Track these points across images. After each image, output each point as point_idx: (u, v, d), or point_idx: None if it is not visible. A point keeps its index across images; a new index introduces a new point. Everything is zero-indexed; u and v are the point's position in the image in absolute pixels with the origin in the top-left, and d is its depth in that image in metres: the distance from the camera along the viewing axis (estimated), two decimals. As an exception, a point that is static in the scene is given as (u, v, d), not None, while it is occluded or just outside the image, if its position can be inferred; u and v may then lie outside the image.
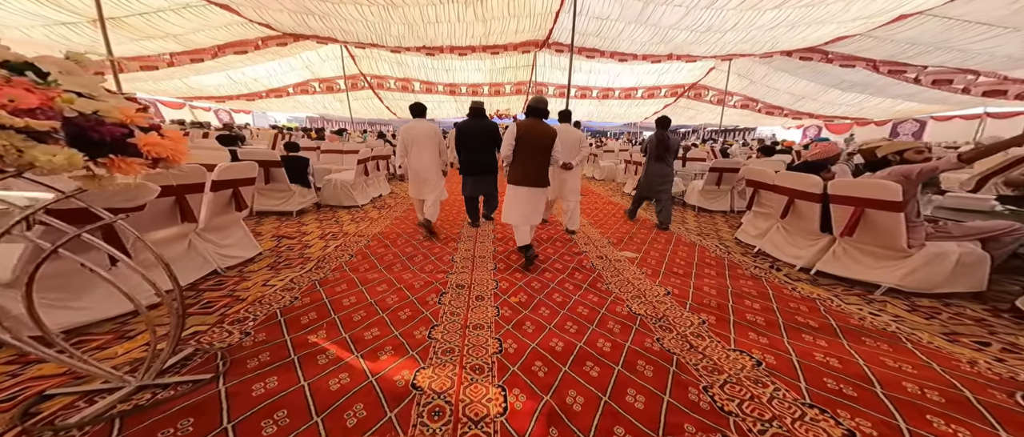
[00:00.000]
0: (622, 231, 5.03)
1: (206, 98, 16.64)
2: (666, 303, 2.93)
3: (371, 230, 4.68)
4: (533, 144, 3.27)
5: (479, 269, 3.49)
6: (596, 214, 6.09)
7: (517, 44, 14.64)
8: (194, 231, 2.79)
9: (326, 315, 2.59)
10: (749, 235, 4.50)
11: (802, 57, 12.28)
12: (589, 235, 4.81)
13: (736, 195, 6.18)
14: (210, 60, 12.57)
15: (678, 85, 18.24)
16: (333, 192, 5.67)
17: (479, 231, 4.73)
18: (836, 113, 15.63)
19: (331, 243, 4.14)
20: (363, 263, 3.56)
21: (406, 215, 5.52)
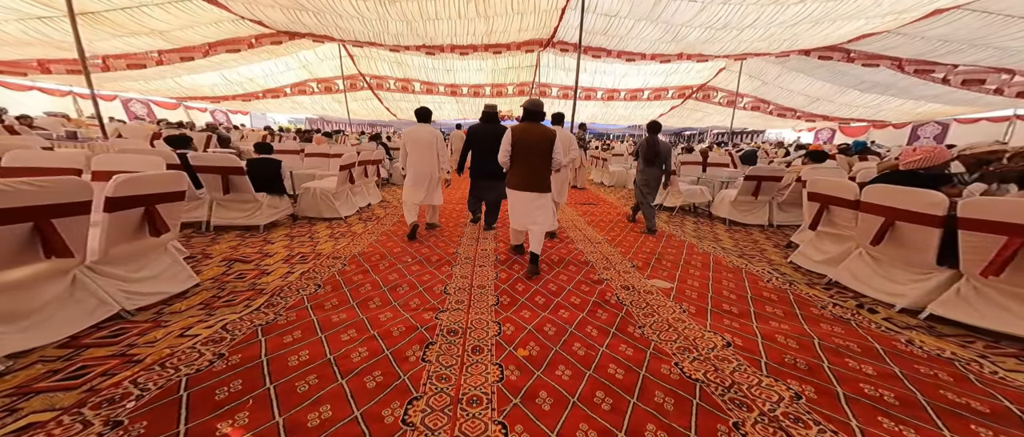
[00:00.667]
0: (646, 250, 4.27)
1: (201, 98, 16.00)
2: (730, 361, 2.14)
3: (350, 249, 3.92)
4: (529, 148, 3.15)
5: (478, 305, 2.73)
6: (611, 228, 5.31)
7: (520, 43, 13.94)
8: (79, 266, 2.05)
9: (257, 384, 1.82)
10: (812, 260, 3.68)
11: (821, 56, 11.51)
12: (608, 257, 4.03)
13: (776, 207, 5.42)
14: (202, 59, 11.92)
15: (686, 86, 17.49)
16: (312, 202, 4.90)
17: (479, 252, 4.01)
18: (852, 115, 14.84)
19: (297, 268, 3.36)
20: (332, 296, 2.81)
21: (396, 229, 4.77)
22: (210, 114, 17.79)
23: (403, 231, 4.58)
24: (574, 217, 5.79)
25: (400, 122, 28.25)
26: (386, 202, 6.47)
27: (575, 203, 6.81)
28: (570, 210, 6.20)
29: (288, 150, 6.32)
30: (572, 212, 6.11)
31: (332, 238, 4.31)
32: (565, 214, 5.88)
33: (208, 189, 4.08)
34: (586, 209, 6.39)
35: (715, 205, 5.80)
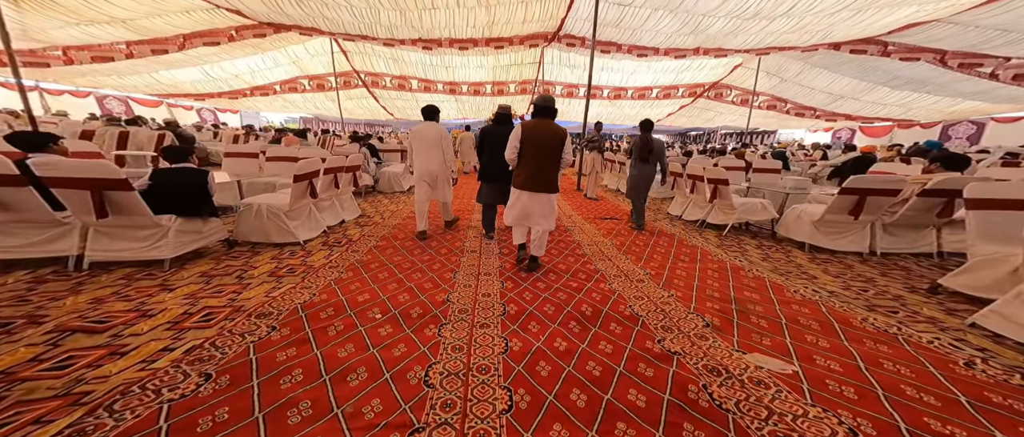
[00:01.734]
0: (713, 291, 3.03)
1: (184, 95, 14.81)
2: None
3: (292, 298, 2.65)
4: (538, 146, 3.01)
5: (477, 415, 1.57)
6: (651, 256, 4.01)
7: (524, 37, 12.76)
8: None
9: None
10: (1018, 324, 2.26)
11: (854, 50, 10.34)
12: (659, 303, 2.79)
13: (879, 229, 4.01)
14: (178, 52, 10.74)
15: (697, 84, 16.30)
16: (256, 223, 3.61)
17: (479, 296, 2.89)
18: (878, 114, 13.67)
19: (185, 340, 2.08)
20: (222, 406, 1.59)
21: (370, 259, 3.60)
22: (197, 113, 16.60)
23: (380, 260, 3.46)
24: (596, 238, 4.64)
25: (399, 122, 27.07)
26: (366, 218, 5.24)
27: (593, 218, 5.69)
28: (590, 228, 5.10)
29: (243, 152, 5.07)
30: (592, 230, 4.97)
31: (272, 278, 3.06)
32: (585, 235, 4.74)
33: (73, 211, 2.83)
34: (608, 226, 5.26)
35: (785, 224, 4.52)
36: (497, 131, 3.97)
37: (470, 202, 6.27)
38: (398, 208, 5.86)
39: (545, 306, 2.65)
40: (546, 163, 3.03)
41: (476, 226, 4.85)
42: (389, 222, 4.96)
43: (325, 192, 4.19)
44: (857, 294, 3.10)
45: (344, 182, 4.66)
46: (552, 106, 3.07)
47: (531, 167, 3.04)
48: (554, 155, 3.03)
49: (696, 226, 5.20)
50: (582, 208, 6.24)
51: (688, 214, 5.51)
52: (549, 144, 2.99)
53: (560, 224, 5.08)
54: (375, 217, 5.31)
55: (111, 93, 13.50)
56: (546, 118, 3.05)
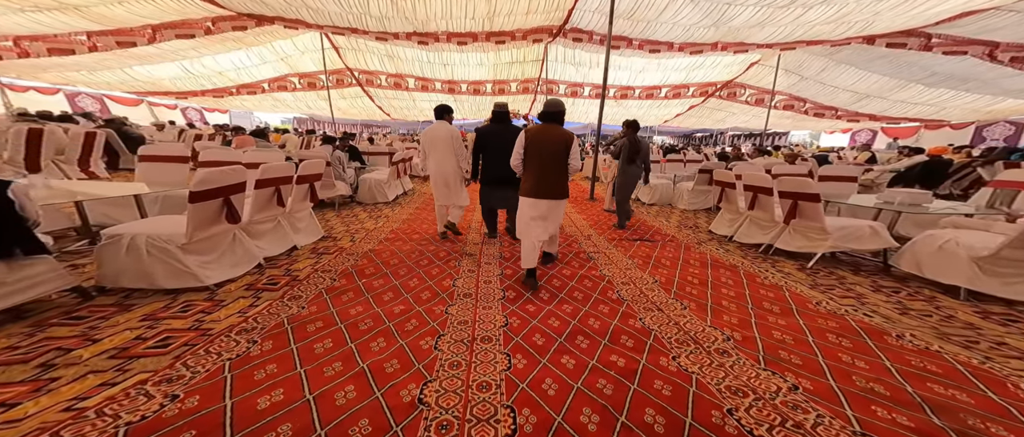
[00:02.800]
0: (863, 372, 1.90)
1: (164, 93, 13.69)
2: None
3: (126, 414, 1.50)
4: (544, 151, 2.84)
5: None
6: (728, 301, 2.84)
7: (527, 31, 11.66)
8: None
9: None
10: None
11: (891, 43, 9.25)
12: (780, 410, 1.65)
13: None
14: (148, 46, 9.63)
15: (709, 83, 15.20)
16: (130, 263, 2.44)
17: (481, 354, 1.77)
18: (907, 114, 12.57)
19: None
20: None
21: (310, 317, 2.45)
22: (181, 112, 15.48)
23: (329, 312, 2.29)
24: (629, 270, 3.43)
25: (397, 123, 25.97)
26: (331, 240, 3.96)
27: (618, 238, 4.49)
28: (618, 255, 3.86)
29: (165, 156, 3.84)
30: (621, 257, 3.81)
31: (115, 361, 1.84)
32: (615, 265, 3.58)
33: None
34: (642, 251, 3.98)
35: (916, 257, 3.19)
36: (495, 131, 3.75)
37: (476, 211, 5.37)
38: (377, 225, 4.71)
39: (580, 407, 1.56)
40: (552, 169, 2.87)
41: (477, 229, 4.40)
42: (360, 247, 3.81)
43: (260, 212, 3.07)
44: None
45: (297, 196, 3.50)
46: (559, 110, 2.87)
47: (538, 174, 2.88)
48: (561, 161, 2.86)
49: (759, 251, 3.99)
50: (603, 224, 5.16)
51: (743, 235, 4.25)
52: (555, 150, 2.83)
53: (579, 250, 3.98)
54: (343, 239, 4.07)
55: (84, 91, 12.41)
56: (553, 123, 2.88)
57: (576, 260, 3.64)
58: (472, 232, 4.55)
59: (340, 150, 5.50)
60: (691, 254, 3.95)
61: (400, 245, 3.91)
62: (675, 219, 5.70)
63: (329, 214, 5.16)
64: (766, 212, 3.95)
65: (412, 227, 4.67)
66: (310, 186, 3.61)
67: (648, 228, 5.03)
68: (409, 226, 4.71)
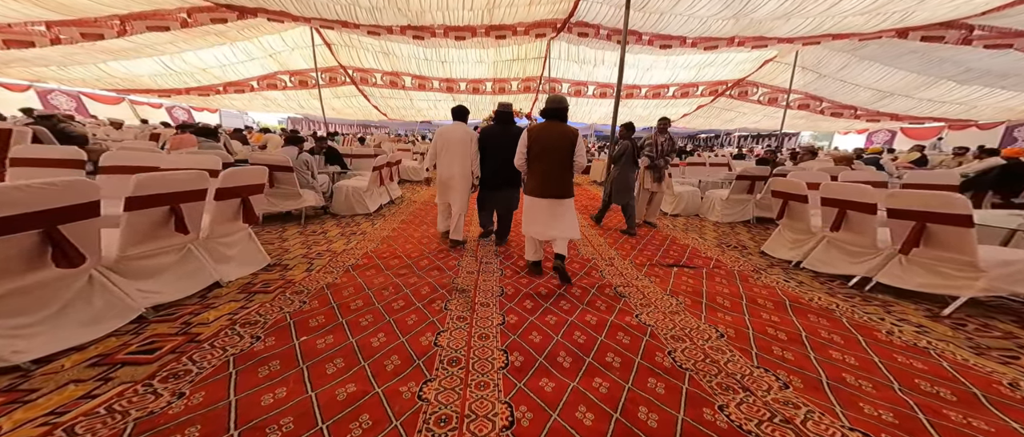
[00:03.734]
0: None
1: (146, 91, 12.78)
2: None
3: None
4: (548, 149, 2.76)
5: None
6: (820, 371, 1.97)
7: (529, 25, 10.77)
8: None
9: None
10: None
11: (926, 37, 8.36)
12: None
13: None
14: (118, 38, 8.73)
15: (720, 82, 14.31)
16: None
17: None
18: (934, 113, 11.69)
19: None
20: None
21: (189, 417, 1.60)
22: (166, 111, 14.57)
23: (224, 409, 1.41)
24: (681, 319, 2.44)
25: (396, 123, 25.08)
26: (279, 269, 3.03)
27: (645, 261, 3.56)
28: (655, 290, 2.90)
29: (44, 159, 2.96)
30: (661, 295, 2.81)
31: None
32: (658, 310, 2.57)
33: None
34: (684, 282, 3.04)
35: None
36: (498, 132, 3.59)
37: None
38: (349, 245, 3.74)
39: None
40: (557, 168, 2.78)
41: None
42: (316, 280, 2.85)
43: (146, 242, 2.17)
44: None
45: (220, 216, 2.59)
46: (562, 107, 2.80)
47: (542, 172, 2.80)
48: (565, 159, 2.79)
49: (847, 285, 3.01)
50: (626, 245, 4.17)
51: (819, 262, 3.27)
52: (559, 147, 2.75)
53: (602, 280, 3.09)
54: (296, 268, 3.06)
55: (57, 88, 11.50)
56: (556, 120, 2.80)
57: (602, 298, 2.74)
58: (468, 253, 3.67)
59: (316, 152, 4.62)
60: (753, 289, 2.99)
61: (371, 276, 3.02)
62: (710, 235, 4.73)
63: (291, 231, 4.20)
64: (861, 235, 2.97)
65: (392, 247, 3.77)
66: (243, 202, 2.68)
67: (681, 248, 4.07)
68: (389, 246, 3.81)
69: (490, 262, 3.46)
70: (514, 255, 3.66)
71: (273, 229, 4.22)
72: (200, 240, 2.52)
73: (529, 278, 3.08)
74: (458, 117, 3.77)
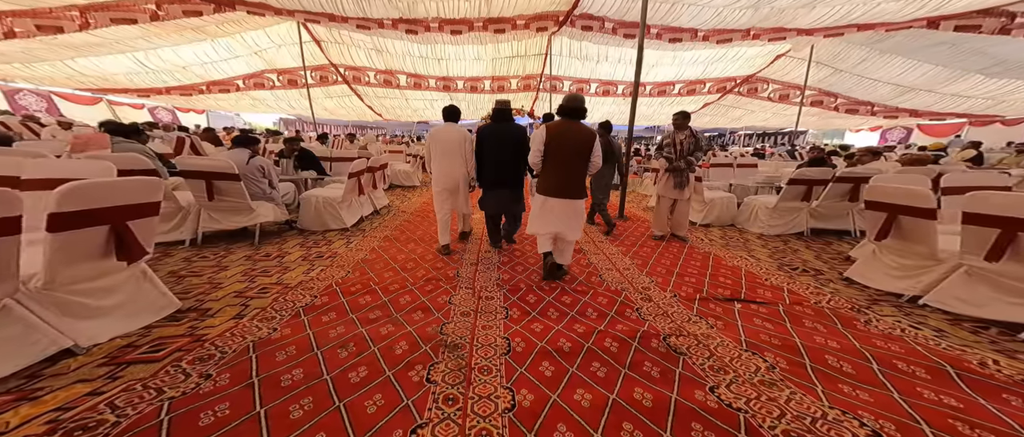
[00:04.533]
0: None
1: (123, 91, 11.92)
2: None
3: None
4: (567, 150, 2.66)
5: None
6: None
7: (530, 18, 9.99)
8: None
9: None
10: None
11: (960, 26, 7.63)
12: None
13: None
14: (82, 33, 7.89)
15: (728, 78, 13.55)
16: None
17: None
18: (954, 109, 10.96)
19: None
20: None
21: None
22: (148, 112, 13.69)
23: None
24: (791, 400, 1.61)
25: (392, 124, 24.25)
26: (190, 321, 2.12)
27: (690, 295, 2.70)
28: (729, 344, 2.04)
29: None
30: (745, 359, 1.90)
31: None
32: (749, 385, 1.74)
33: None
34: (768, 333, 2.17)
35: None
36: (496, 130, 3.39)
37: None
38: (310, 275, 2.89)
39: None
40: (574, 168, 2.69)
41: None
42: (245, 332, 2.04)
43: None
44: None
45: (66, 255, 1.71)
46: (580, 107, 2.67)
47: (560, 173, 2.69)
48: (583, 159, 2.70)
49: (1020, 336, 2.13)
50: (660, 266, 3.31)
51: (963, 302, 2.35)
52: (578, 148, 2.65)
53: (649, 328, 2.24)
54: (218, 315, 2.23)
55: (25, 87, 10.64)
56: (573, 119, 2.68)
57: (650, 357, 1.91)
58: (463, 283, 2.88)
59: (285, 155, 3.82)
60: (874, 341, 2.10)
61: (328, 324, 2.19)
62: (761, 252, 3.81)
63: (237, 256, 3.29)
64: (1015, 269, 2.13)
65: (367, 277, 2.93)
66: (117, 231, 1.86)
67: (732, 272, 3.20)
68: (363, 275, 2.97)
69: (492, 297, 2.67)
70: (520, 281, 2.88)
71: (212, 253, 3.34)
72: (32, 290, 1.69)
73: (547, 323, 2.29)
74: (450, 118, 3.57)
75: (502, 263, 3.36)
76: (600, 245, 3.98)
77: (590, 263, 3.41)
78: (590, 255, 3.64)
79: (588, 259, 3.54)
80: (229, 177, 3.13)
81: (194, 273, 2.85)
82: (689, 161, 3.96)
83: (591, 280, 3.02)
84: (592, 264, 3.38)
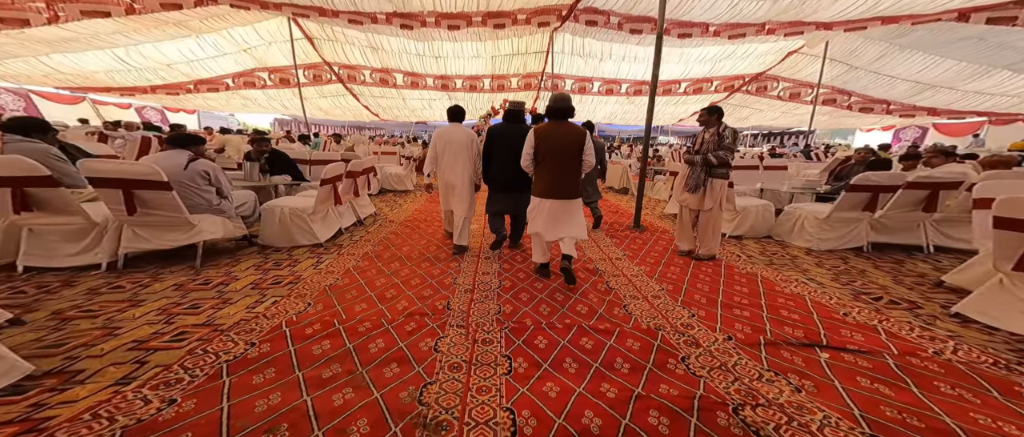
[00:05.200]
0: None
1: (105, 89, 11.31)
2: None
3: None
4: (557, 151, 2.63)
5: None
6: None
7: (531, 12, 9.41)
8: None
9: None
10: None
11: (993, 18, 7.04)
12: None
13: None
14: (50, 26, 7.29)
15: (736, 76, 12.98)
16: None
17: None
18: (978, 106, 10.38)
19: None
20: None
21: None
22: (136, 112, 13.08)
23: None
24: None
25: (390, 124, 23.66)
26: (63, 384, 1.48)
27: (743, 331, 2.11)
28: (807, 404, 1.50)
29: None
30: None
31: None
32: None
33: None
34: (883, 393, 1.57)
35: None
36: (506, 131, 3.31)
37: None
38: (256, 310, 2.27)
39: None
40: (566, 169, 2.66)
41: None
42: (118, 414, 1.36)
43: None
44: None
45: None
46: (567, 106, 2.66)
47: (551, 174, 2.66)
48: (576, 159, 2.66)
49: None
50: (698, 293, 2.70)
51: None
52: (567, 148, 2.63)
53: (708, 397, 1.66)
54: (93, 380, 1.55)
55: (2, 85, 10.02)
56: (561, 120, 2.68)
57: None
58: (455, 318, 2.28)
59: (253, 157, 3.22)
60: None
61: (258, 390, 1.57)
62: (817, 272, 3.14)
63: (168, 281, 2.62)
64: None
65: (331, 312, 2.28)
66: None
67: (792, 300, 2.56)
68: (327, 308, 2.32)
69: (491, 339, 2.07)
70: (527, 315, 2.29)
71: (132, 281, 2.60)
72: None
73: (564, 382, 1.69)
74: (455, 118, 3.54)
75: (503, 289, 2.76)
76: (618, 264, 3.36)
77: (610, 288, 2.80)
78: (608, 277, 3.02)
79: (606, 282, 2.92)
80: (154, 186, 2.47)
81: (89, 313, 2.16)
82: (709, 159, 3.26)
83: (614, 313, 2.41)
84: (613, 291, 2.76)
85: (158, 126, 10.26)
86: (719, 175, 3.28)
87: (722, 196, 3.29)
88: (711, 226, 3.37)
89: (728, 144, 3.18)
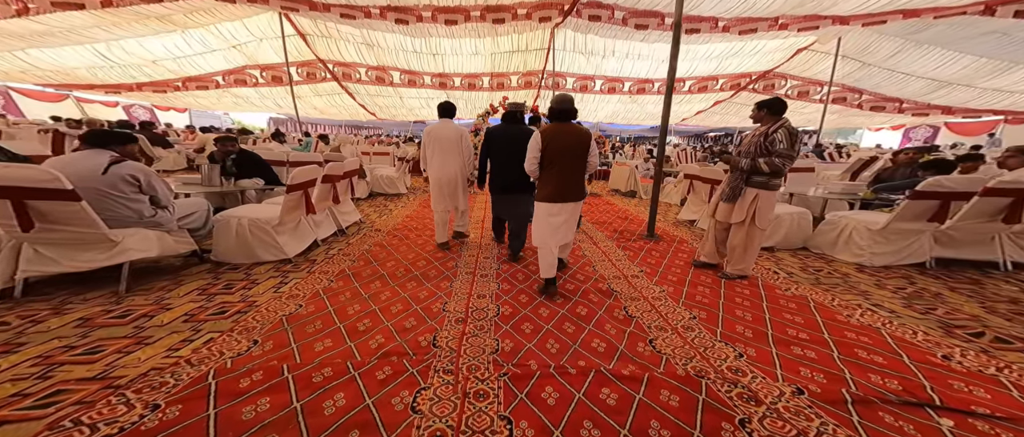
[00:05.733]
0: None
1: (88, 86, 10.82)
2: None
3: None
4: (564, 153, 2.50)
5: None
6: None
7: (532, 6, 8.96)
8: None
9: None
10: None
11: (1020, 12, 6.61)
12: None
13: None
14: (19, 18, 6.81)
15: (743, 74, 12.54)
16: None
17: None
18: (996, 104, 9.94)
19: None
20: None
21: None
22: (124, 110, 12.58)
23: None
24: None
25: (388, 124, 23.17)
26: None
27: (816, 383, 1.68)
28: None
29: None
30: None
31: None
32: None
33: None
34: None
35: None
36: (505, 132, 3.17)
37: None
38: (182, 352, 1.72)
39: None
40: (575, 170, 2.56)
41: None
42: None
43: None
44: None
45: None
46: (571, 108, 2.54)
47: (561, 176, 2.53)
48: (581, 161, 2.56)
49: None
50: (735, 328, 2.15)
51: None
52: (575, 151, 2.51)
53: None
54: None
55: (-22, 83, 9.57)
56: (566, 121, 2.55)
57: None
58: (444, 357, 1.82)
59: (216, 159, 2.75)
60: None
61: None
62: (883, 298, 2.59)
63: (74, 314, 2.07)
64: None
65: (286, 349, 1.84)
66: None
67: (872, 341, 2.03)
68: (276, 348, 1.84)
69: (486, 391, 1.60)
70: (531, 352, 1.83)
71: (24, 313, 2.07)
72: None
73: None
74: (445, 114, 3.45)
75: (502, 317, 2.29)
76: (635, 283, 2.88)
77: (629, 316, 2.32)
78: (627, 301, 2.54)
79: (624, 308, 2.43)
80: (54, 196, 1.95)
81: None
82: (750, 162, 2.65)
83: (639, 351, 1.94)
84: (633, 319, 2.27)
85: (150, 122, 9.79)
86: (756, 184, 2.74)
87: (754, 209, 2.79)
88: (742, 242, 2.88)
89: (782, 150, 2.55)
